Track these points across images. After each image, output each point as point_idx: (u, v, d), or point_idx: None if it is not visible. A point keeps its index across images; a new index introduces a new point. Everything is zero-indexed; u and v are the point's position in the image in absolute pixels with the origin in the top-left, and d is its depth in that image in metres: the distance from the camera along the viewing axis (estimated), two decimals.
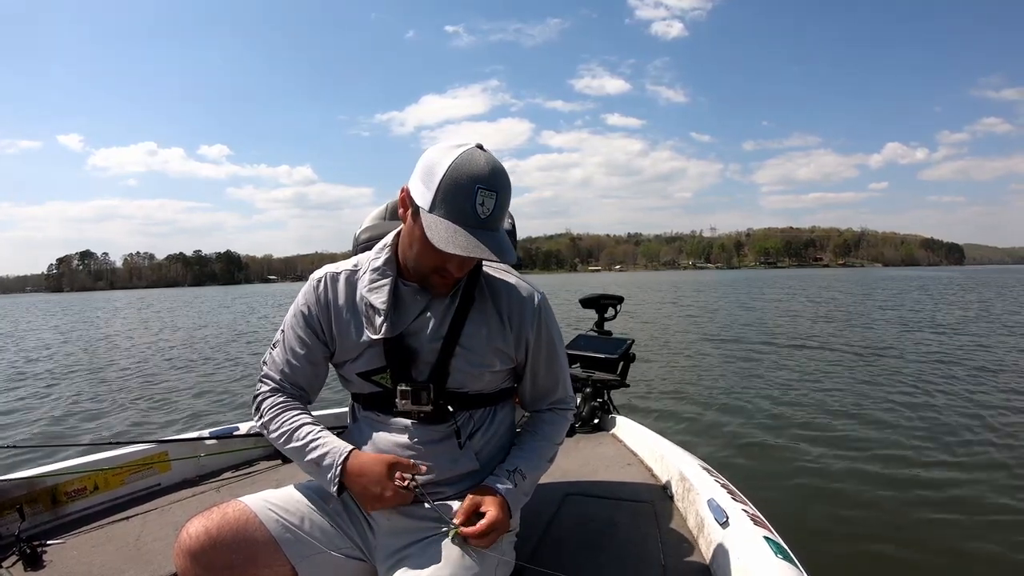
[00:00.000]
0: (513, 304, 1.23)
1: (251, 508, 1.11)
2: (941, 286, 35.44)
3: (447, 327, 1.18)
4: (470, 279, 1.22)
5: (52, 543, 1.61)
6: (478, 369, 1.20)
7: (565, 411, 1.35)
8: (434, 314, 1.19)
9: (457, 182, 1.02)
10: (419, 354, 1.18)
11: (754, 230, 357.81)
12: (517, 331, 1.23)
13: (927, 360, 8.26)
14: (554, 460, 1.32)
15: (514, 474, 1.19)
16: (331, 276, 1.25)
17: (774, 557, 1.19)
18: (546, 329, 1.27)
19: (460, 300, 1.20)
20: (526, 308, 1.24)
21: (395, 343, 1.17)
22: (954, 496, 3.51)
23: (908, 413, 5.40)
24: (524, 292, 1.26)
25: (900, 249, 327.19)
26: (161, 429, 5.79)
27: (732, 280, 65.22)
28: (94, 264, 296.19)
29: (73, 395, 7.72)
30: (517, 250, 1.76)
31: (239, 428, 2.27)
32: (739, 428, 5.12)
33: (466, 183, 1.02)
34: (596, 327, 2.95)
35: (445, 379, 1.18)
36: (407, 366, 1.18)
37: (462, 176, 1.02)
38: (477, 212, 1.03)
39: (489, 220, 1.04)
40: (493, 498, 1.13)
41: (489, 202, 1.03)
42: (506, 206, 1.08)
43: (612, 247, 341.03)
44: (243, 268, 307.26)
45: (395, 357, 1.18)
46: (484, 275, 1.25)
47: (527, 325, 1.23)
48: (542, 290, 1.29)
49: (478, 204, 1.02)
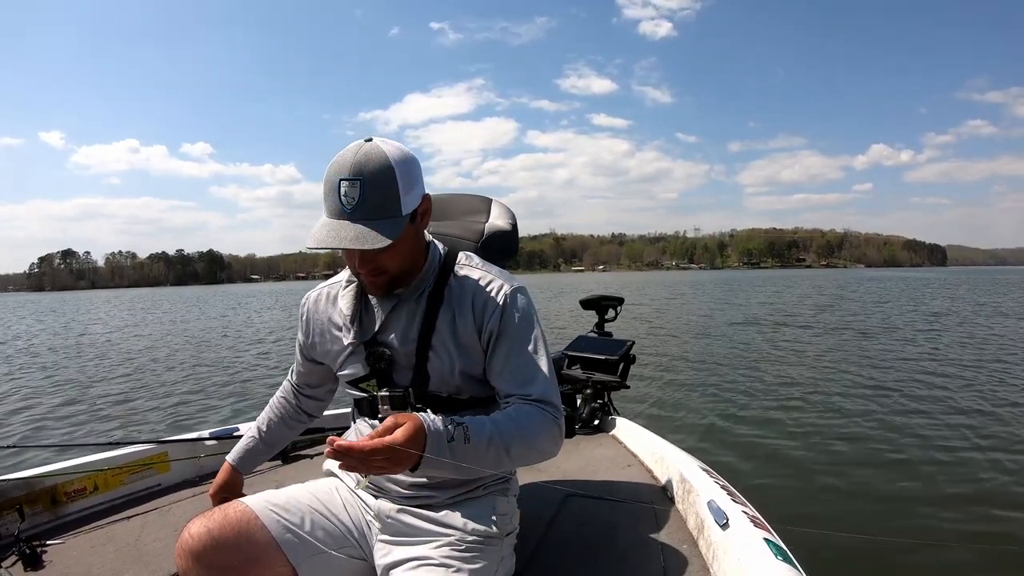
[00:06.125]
0: (480, 298, 1.18)
1: (252, 509, 1.10)
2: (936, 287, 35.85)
3: (416, 329, 1.17)
4: (439, 279, 1.20)
5: (52, 543, 1.60)
6: (454, 370, 1.17)
7: (544, 410, 1.12)
8: (403, 317, 1.18)
9: (328, 181, 1.06)
10: (397, 359, 1.18)
11: (738, 231, 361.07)
12: (480, 322, 1.17)
13: (927, 361, 8.31)
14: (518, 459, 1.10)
15: (458, 427, 1.01)
16: (313, 297, 1.32)
17: (774, 559, 1.20)
18: (511, 318, 1.17)
19: (428, 301, 1.18)
20: (490, 299, 1.18)
21: (373, 349, 1.19)
22: (955, 496, 3.53)
23: (908, 413, 5.44)
24: (492, 285, 1.20)
25: (883, 250, 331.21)
26: (161, 429, 5.75)
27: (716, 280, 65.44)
28: (76, 263, 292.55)
29: (73, 395, 7.66)
30: (518, 250, 1.78)
31: (239, 429, 2.25)
32: (739, 430, 5.14)
33: (332, 178, 1.05)
34: (596, 328, 2.95)
35: (426, 382, 1.18)
36: (388, 372, 1.19)
37: (329, 174, 1.06)
38: (342, 204, 1.04)
39: (354, 210, 1.04)
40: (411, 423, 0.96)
41: (352, 191, 1.03)
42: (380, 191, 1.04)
43: (596, 248, 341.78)
44: (226, 268, 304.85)
45: (375, 363, 1.19)
46: (455, 274, 1.21)
47: (488, 315, 1.17)
48: (522, 285, 1.24)
49: (342, 196, 1.03)
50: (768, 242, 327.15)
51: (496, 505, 1.22)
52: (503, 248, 1.60)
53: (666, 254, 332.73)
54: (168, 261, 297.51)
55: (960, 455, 4.25)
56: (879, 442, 4.61)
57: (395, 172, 1.05)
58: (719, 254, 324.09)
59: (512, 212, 1.72)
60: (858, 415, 5.47)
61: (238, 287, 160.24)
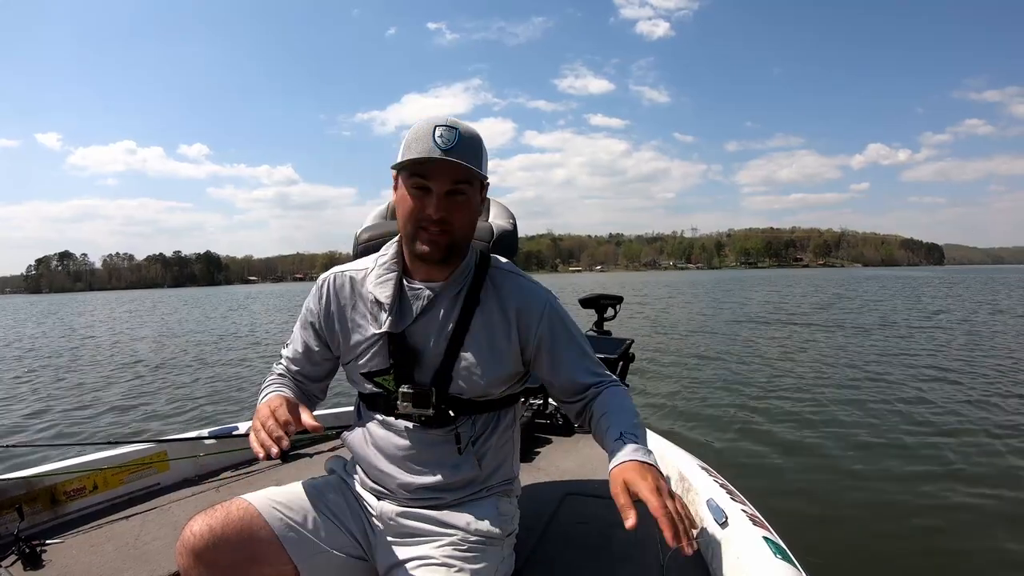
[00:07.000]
0: (520, 305, 1.19)
1: (255, 506, 1.09)
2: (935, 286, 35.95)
3: (452, 328, 1.16)
4: (475, 279, 1.19)
5: (51, 543, 1.60)
6: (483, 373, 1.16)
7: (616, 384, 1.22)
8: (439, 314, 1.17)
9: (416, 130, 1.09)
10: (423, 356, 1.16)
11: (735, 231, 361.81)
12: (524, 332, 1.19)
13: (928, 362, 8.24)
14: None
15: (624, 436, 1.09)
16: (336, 277, 1.25)
17: (773, 557, 1.20)
18: (559, 324, 1.21)
19: (465, 301, 1.17)
20: (532, 307, 1.19)
21: (400, 342, 1.16)
22: (955, 497, 3.52)
23: (909, 413, 5.42)
24: (531, 291, 1.22)
25: (880, 249, 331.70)
26: (160, 428, 5.73)
27: (714, 280, 65.47)
28: (73, 265, 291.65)
29: (71, 396, 7.62)
30: (518, 250, 1.78)
31: (238, 428, 2.26)
32: (738, 428, 5.13)
33: (423, 126, 1.08)
34: (595, 327, 2.94)
35: (448, 383, 1.16)
36: (411, 367, 1.16)
37: (420, 124, 1.09)
38: (437, 143, 1.05)
39: (449, 150, 1.05)
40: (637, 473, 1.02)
41: (449, 135, 1.06)
42: (473, 146, 1.10)
43: (593, 248, 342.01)
44: (223, 269, 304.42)
45: (400, 357, 1.16)
46: (490, 275, 1.22)
47: (533, 324, 1.19)
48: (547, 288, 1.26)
49: (437, 137, 1.06)
50: (765, 242, 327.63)
51: (499, 506, 1.23)
52: (507, 248, 1.60)
53: (663, 254, 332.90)
54: (165, 263, 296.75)
55: (961, 456, 4.23)
56: (879, 442, 4.60)
57: (481, 138, 1.13)
58: (716, 254, 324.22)
59: (511, 211, 1.72)
60: (858, 414, 5.46)
61: (236, 288, 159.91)
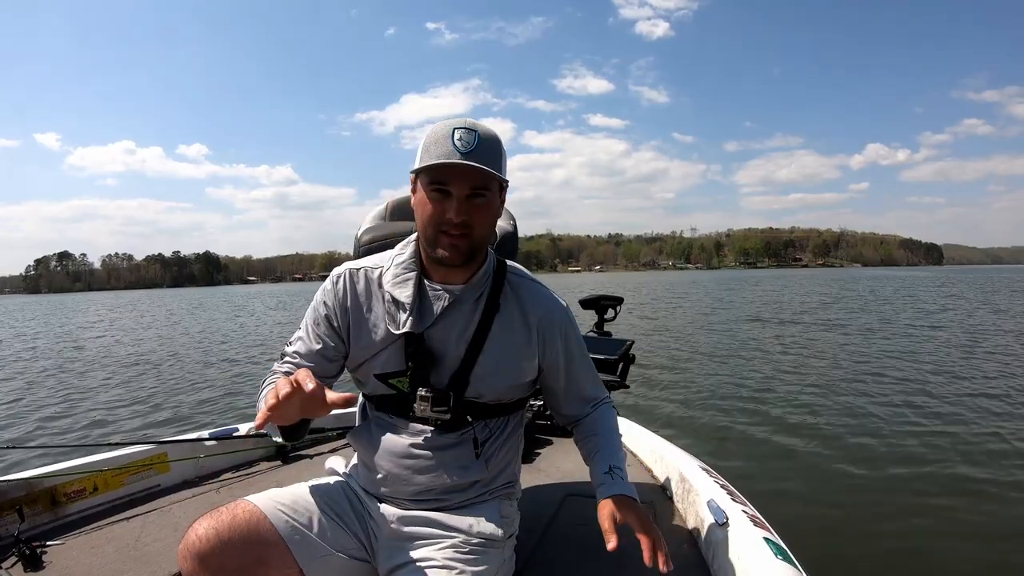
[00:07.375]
0: (540, 312, 1.21)
1: (261, 508, 1.07)
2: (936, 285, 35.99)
3: (472, 333, 1.16)
4: (494, 285, 1.19)
5: (51, 544, 1.60)
6: (501, 378, 1.17)
7: (608, 404, 1.33)
8: (460, 317, 1.16)
9: (435, 132, 1.08)
10: (442, 359, 1.15)
11: (734, 231, 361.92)
12: (543, 341, 1.21)
13: (928, 362, 8.24)
14: None
15: (613, 470, 1.17)
16: (351, 272, 1.22)
17: (774, 558, 1.20)
18: (574, 335, 1.25)
19: (485, 306, 1.17)
20: (554, 317, 1.22)
21: (418, 344, 1.15)
22: (956, 498, 3.52)
23: (910, 414, 5.43)
24: (550, 300, 1.23)
25: (879, 249, 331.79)
26: (160, 430, 5.73)
27: (713, 280, 65.48)
28: (72, 265, 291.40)
29: (72, 396, 7.62)
30: (518, 251, 1.78)
31: (239, 429, 2.26)
32: (739, 429, 5.13)
33: (442, 129, 1.08)
34: (596, 328, 2.94)
35: (465, 387, 1.16)
36: (428, 370, 1.15)
37: (439, 127, 1.09)
38: (456, 147, 1.05)
39: (468, 153, 1.05)
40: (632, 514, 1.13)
41: (468, 137, 1.06)
42: (493, 148, 1.09)
43: (593, 248, 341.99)
44: (222, 269, 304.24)
45: (418, 359, 1.15)
46: (509, 281, 1.22)
47: (555, 335, 1.22)
48: None
49: (456, 140, 1.05)
50: (764, 242, 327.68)
51: (501, 508, 1.23)
52: (509, 249, 1.60)
53: (663, 254, 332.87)
54: (164, 263, 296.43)
55: (963, 455, 4.23)
56: (881, 442, 4.60)
57: (500, 139, 1.12)
58: (716, 254, 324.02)
59: (511, 212, 1.72)
60: (859, 415, 5.46)
61: (235, 288, 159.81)
